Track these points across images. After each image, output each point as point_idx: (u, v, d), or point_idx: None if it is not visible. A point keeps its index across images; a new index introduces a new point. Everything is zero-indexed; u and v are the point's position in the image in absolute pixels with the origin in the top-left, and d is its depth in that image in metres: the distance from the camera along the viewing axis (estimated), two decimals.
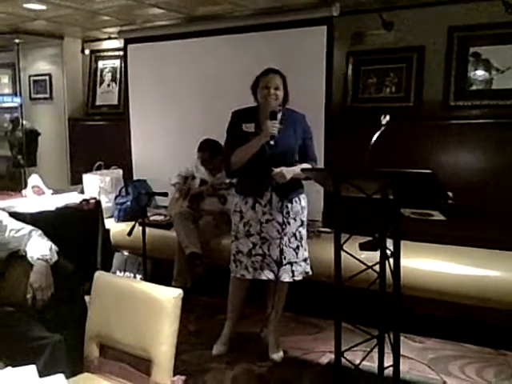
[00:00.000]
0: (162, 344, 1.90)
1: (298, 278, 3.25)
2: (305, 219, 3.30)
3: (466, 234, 3.89)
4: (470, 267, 3.54)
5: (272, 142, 3.10)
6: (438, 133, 4.16)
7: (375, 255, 2.68)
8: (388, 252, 2.71)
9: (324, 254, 3.85)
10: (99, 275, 2.16)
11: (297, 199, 3.24)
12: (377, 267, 2.70)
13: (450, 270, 3.57)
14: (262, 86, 3.18)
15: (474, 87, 4.10)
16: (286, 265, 3.21)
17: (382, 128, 2.86)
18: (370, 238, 2.71)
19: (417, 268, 3.54)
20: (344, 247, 2.75)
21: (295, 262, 3.23)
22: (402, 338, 2.87)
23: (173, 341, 1.91)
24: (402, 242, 2.74)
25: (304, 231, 3.30)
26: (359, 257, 2.77)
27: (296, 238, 3.24)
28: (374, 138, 2.81)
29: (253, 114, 3.23)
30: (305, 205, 3.29)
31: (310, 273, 3.33)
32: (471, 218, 3.86)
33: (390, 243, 2.69)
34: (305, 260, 3.30)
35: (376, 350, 2.73)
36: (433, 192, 2.53)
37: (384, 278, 2.68)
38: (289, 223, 3.20)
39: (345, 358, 2.82)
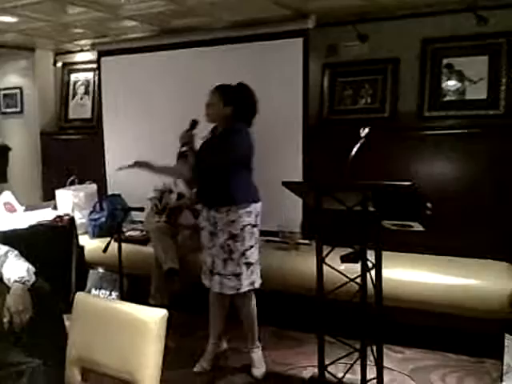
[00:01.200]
0: (148, 366, 1.84)
1: (227, 291, 3.22)
2: (236, 232, 3.18)
3: (443, 243, 3.92)
4: (447, 276, 3.56)
5: (184, 148, 3.30)
6: (414, 143, 4.21)
7: (355, 267, 2.69)
8: (368, 264, 2.72)
9: (302, 266, 3.85)
10: (80, 296, 2.09)
11: (223, 210, 3.20)
12: (358, 279, 2.70)
13: (428, 279, 3.59)
14: None
15: (447, 98, 4.16)
16: (215, 275, 3.24)
17: (362, 140, 2.88)
18: (350, 250, 2.72)
19: (395, 278, 3.53)
20: (325, 260, 2.75)
21: (224, 275, 3.21)
22: None
23: (158, 363, 1.86)
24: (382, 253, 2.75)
25: (237, 245, 3.19)
26: (341, 269, 2.77)
27: (224, 251, 3.20)
28: (354, 151, 2.82)
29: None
30: (235, 218, 3.18)
31: (243, 290, 3.22)
32: (448, 228, 3.89)
33: (370, 254, 2.70)
34: (236, 275, 3.20)
35: (358, 362, 2.74)
36: (413, 203, 2.56)
37: (365, 290, 2.69)
38: (216, 234, 3.23)
39: (328, 371, 2.81)
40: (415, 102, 4.26)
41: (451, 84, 4.15)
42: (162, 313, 1.89)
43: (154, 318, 1.88)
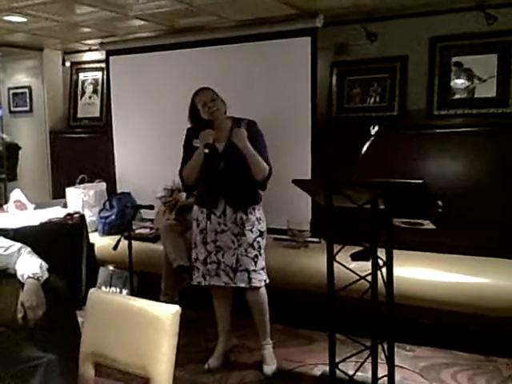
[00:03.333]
0: (161, 362, 1.86)
1: (256, 284, 3.27)
2: (263, 230, 3.33)
3: (453, 242, 3.92)
4: (459, 275, 3.55)
5: (206, 151, 3.15)
6: (423, 142, 4.21)
7: (366, 265, 2.70)
8: (379, 261, 2.73)
9: (313, 264, 3.86)
10: (93, 292, 2.11)
11: (251, 210, 3.28)
12: (369, 277, 2.71)
13: (440, 277, 3.57)
14: (201, 104, 3.30)
15: (456, 96, 4.16)
16: (241, 271, 3.25)
17: (372, 138, 2.88)
18: (360, 248, 2.73)
19: (406, 277, 3.52)
20: (336, 258, 2.76)
21: (254, 271, 3.26)
22: None
23: (172, 358, 1.88)
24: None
25: (263, 241, 3.33)
26: (351, 267, 2.78)
27: (254, 248, 3.26)
28: (364, 149, 2.83)
29: (203, 129, 3.29)
30: (260, 216, 3.33)
31: (268, 281, 3.34)
32: (457, 226, 3.89)
33: (380, 252, 2.70)
34: (263, 269, 3.32)
35: (369, 360, 2.74)
36: (423, 201, 2.56)
37: (376, 287, 2.70)
38: (244, 234, 3.25)
39: (339, 369, 2.82)
40: (424, 101, 4.26)
41: (460, 82, 4.14)
42: (175, 309, 1.91)
43: (167, 313, 1.90)
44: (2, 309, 2.33)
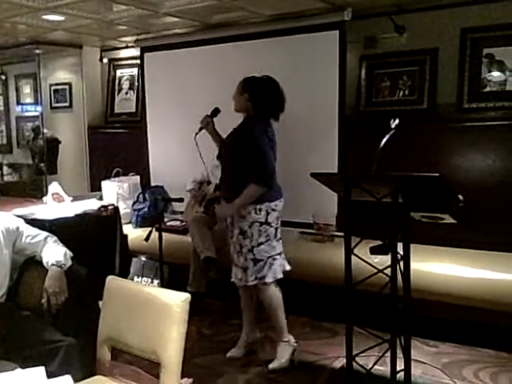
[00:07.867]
0: (170, 347, 1.93)
1: (237, 282, 3.30)
2: (245, 229, 3.18)
3: (478, 238, 3.86)
4: (481, 270, 3.52)
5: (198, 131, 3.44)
6: (452, 135, 4.15)
7: (387, 259, 2.69)
8: (399, 256, 2.72)
9: (337, 258, 3.86)
10: (111, 280, 2.21)
11: None
12: (388, 271, 2.71)
13: (462, 273, 3.55)
14: None
15: (488, 89, 4.07)
16: (233, 266, 3.33)
17: (392, 132, 2.87)
18: (380, 242, 2.73)
19: (429, 271, 3.51)
20: (356, 251, 2.76)
21: (237, 266, 3.28)
22: (415, 342, 2.86)
23: (181, 344, 1.95)
24: (414, 246, 2.74)
25: (245, 241, 3.20)
26: (370, 261, 2.78)
27: (237, 245, 3.26)
28: (383, 142, 2.82)
29: None
30: (244, 214, 3.17)
31: (249, 284, 3.25)
32: (484, 221, 3.84)
33: (400, 247, 2.69)
34: (244, 269, 3.23)
35: (388, 354, 2.74)
36: (442, 195, 2.54)
37: (395, 281, 2.69)
38: (232, 228, 3.29)
39: (356, 362, 2.82)
40: (454, 94, 4.19)
41: (492, 75, 4.06)
42: (184, 296, 1.97)
43: (176, 301, 1.96)
44: (28, 294, 2.46)
